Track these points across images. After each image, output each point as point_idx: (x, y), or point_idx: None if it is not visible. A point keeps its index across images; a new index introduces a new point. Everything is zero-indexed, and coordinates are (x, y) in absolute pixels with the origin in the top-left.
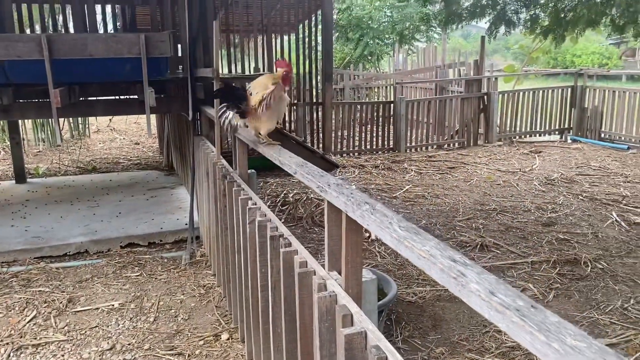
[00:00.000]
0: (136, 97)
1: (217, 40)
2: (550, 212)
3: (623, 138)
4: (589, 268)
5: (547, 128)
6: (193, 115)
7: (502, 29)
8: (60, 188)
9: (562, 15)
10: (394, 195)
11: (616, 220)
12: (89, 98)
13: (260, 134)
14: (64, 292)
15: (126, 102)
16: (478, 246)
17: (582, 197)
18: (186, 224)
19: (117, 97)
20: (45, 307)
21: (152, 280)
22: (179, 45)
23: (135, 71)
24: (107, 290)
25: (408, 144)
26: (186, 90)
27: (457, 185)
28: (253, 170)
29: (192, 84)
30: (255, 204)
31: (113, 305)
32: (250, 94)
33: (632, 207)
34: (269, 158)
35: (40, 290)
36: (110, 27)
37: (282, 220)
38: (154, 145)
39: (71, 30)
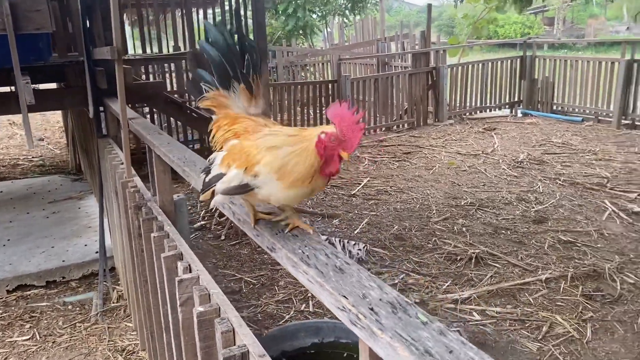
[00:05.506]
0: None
1: (115, 5)
2: (535, 204)
3: (577, 110)
4: (618, 284)
5: (497, 102)
6: (95, 111)
7: None
8: None
9: None
10: (353, 192)
11: (613, 211)
12: None
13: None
14: None
15: None
16: (472, 259)
17: (560, 182)
18: (97, 252)
19: None
20: None
21: (47, 347)
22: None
23: (1, 54)
24: None
25: None
26: (84, 78)
27: (419, 174)
28: (182, 196)
29: (90, 70)
30: (189, 269)
31: None
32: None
33: (619, 191)
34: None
35: None
36: None
37: (223, 237)
38: (62, 141)
39: None
